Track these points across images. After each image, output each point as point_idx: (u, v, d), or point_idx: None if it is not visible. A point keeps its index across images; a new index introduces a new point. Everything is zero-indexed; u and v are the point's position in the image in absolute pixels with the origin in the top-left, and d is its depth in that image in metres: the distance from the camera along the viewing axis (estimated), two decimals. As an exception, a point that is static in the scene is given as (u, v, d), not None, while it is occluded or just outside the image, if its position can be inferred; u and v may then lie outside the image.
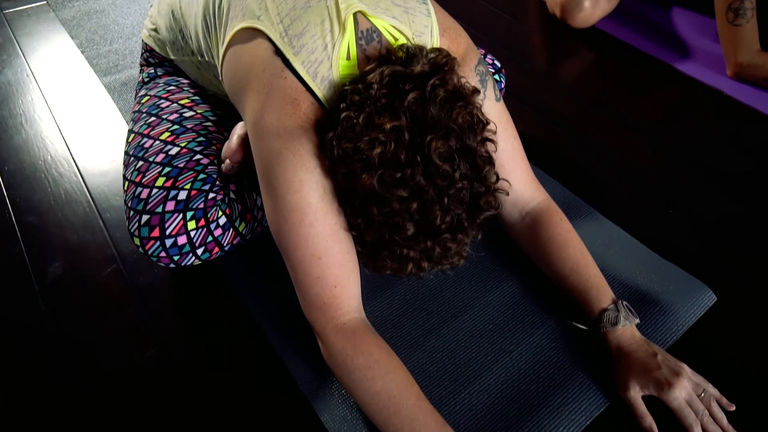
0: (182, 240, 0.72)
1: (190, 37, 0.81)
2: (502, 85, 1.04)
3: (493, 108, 0.75)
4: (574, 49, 1.33)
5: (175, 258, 0.73)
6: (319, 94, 0.65)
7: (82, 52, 1.35)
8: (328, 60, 0.64)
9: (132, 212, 0.73)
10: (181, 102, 0.85)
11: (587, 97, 1.19)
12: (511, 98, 1.18)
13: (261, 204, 0.80)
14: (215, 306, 0.82)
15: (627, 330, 0.70)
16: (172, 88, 0.88)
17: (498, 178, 0.64)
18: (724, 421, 0.65)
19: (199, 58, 0.81)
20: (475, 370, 0.72)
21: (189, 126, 0.81)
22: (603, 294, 0.73)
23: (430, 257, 0.63)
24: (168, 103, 0.84)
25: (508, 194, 0.66)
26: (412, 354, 0.74)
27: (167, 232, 0.71)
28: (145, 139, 0.79)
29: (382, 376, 0.63)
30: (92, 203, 0.98)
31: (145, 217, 0.72)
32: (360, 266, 0.68)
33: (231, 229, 0.76)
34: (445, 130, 0.58)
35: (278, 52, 0.64)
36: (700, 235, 0.90)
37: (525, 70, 1.26)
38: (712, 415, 0.65)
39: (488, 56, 1.04)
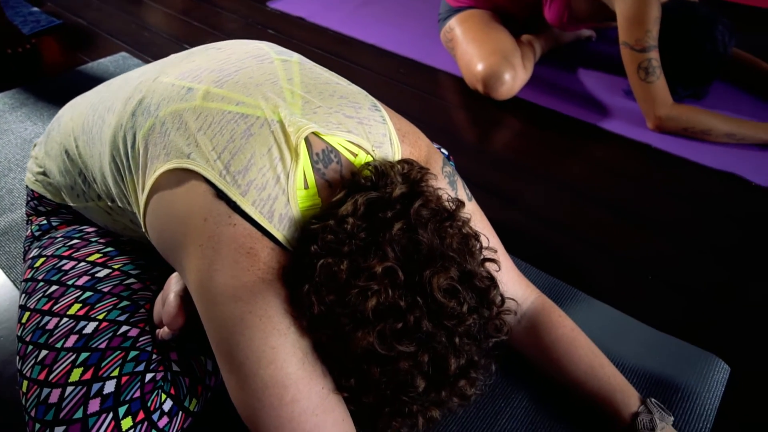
0: (116, 447, 0.55)
1: (94, 181, 0.66)
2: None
3: (469, 212, 0.68)
4: (500, 120, 1.33)
5: (108, 475, 0.55)
6: (279, 236, 0.53)
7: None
8: (283, 194, 0.53)
9: (38, 426, 0.54)
10: (90, 259, 0.68)
11: (527, 167, 1.18)
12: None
13: (213, 368, 0.65)
14: None
15: (666, 433, 0.62)
16: (76, 241, 0.71)
17: (503, 300, 0.55)
18: None
19: (109, 204, 0.67)
20: None
21: (105, 289, 0.64)
22: (629, 396, 0.65)
23: (442, 407, 0.52)
24: (72, 263, 0.67)
25: (516, 314, 0.58)
26: None
27: (94, 444, 0.54)
28: (46, 318, 0.61)
29: None
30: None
31: (58, 430, 0.54)
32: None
33: (180, 413, 0.59)
34: (442, 261, 0.49)
35: (221, 195, 0.52)
36: (684, 300, 0.87)
37: (458, 148, 1.23)
38: None
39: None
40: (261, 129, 0.55)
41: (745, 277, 0.90)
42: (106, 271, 0.67)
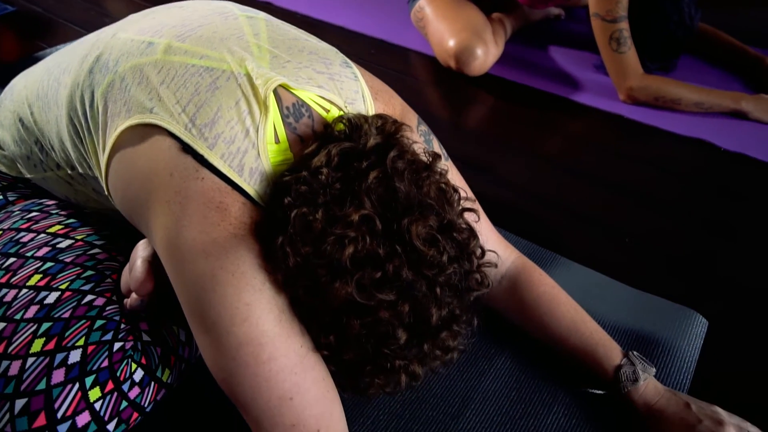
0: (84, 419, 0.52)
1: (51, 148, 0.63)
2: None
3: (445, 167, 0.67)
4: (473, 96, 1.33)
5: (76, 448, 0.52)
6: (251, 191, 0.51)
7: None
8: (253, 148, 0.51)
9: (-4, 400, 0.51)
10: (51, 230, 0.65)
11: (503, 140, 1.18)
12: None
13: (186, 339, 0.62)
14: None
15: (649, 384, 0.62)
16: (35, 214, 0.67)
17: (484, 252, 0.54)
18: (779, 461, 0.59)
19: (69, 171, 0.63)
20: (502, 481, 0.59)
21: (68, 260, 0.61)
22: (611, 350, 0.64)
23: (425, 362, 0.51)
24: (31, 234, 0.63)
25: (496, 266, 0.57)
26: (423, 484, 0.59)
27: (59, 415, 0.50)
28: (3, 291, 0.57)
29: None
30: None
31: (20, 403, 0.50)
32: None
33: (152, 383, 0.57)
34: (421, 210, 0.47)
35: (187, 149, 0.50)
36: (661, 260, 0.88)
37: (433, 124, 1.22)
38: (765, 458, 0.58)
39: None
40: (227, 82, 0.53)
41: (716, 235, 0.92)
42: (68, 242, 0.63)
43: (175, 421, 0.64)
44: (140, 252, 0.58)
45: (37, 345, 0.53)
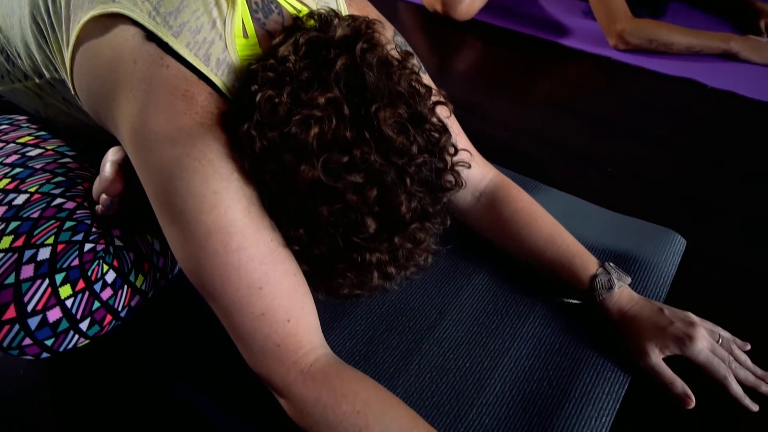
0: (55, 314, 0.51)
1: (18, 56, 0.61)
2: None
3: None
4: (461, 42, 1.31)
5: (48, 343, 0.52)
6: (217, 81, 0.50)
7: None
8: (220, 40, 0.50)
9: (-34, 294, 0.51)
10: (21, 141, 0.64)
11: (492, 83, 1.17)
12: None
13: (161, 248, 0.62)
14: (127, 402, 0.61)
15: (624, 292, 0.62)
16: (5, 127, 0.66)
17: (456, 150, 0.53)
18: (750, 362, 0.59)
19: (37, 80, 0.62)
20: (476, 383, 0.59)
21: (38, 166, 0.60)
22: (587, 260, 0.65)
23: (396, 258, 0.51)
24: (0, 144, 0.63)
25: (470, 166, 0.56)
26: (396, 385, 0.59)
27: (29, 309, 0.50)
28: (-28, 195, 0.57)
29: (378, 420, 0.48)
30: None
31: (-12, 297, 0.50)
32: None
33: (125, 287, 0.56)
34: (390, 97, 0.47)
35: (151, 37, 0.49)
36: (639, 185, 0.88)
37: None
38: (736, 359, 0.59)
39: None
40: (193, -29, 0.51)
41: (697, 167, 0.92)
42: (38, 151, 0.62)
43: (154, 333, 0.64)
44: (110, 156, 0.58)
45: (5, 242, 0.52)
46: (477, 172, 0.70)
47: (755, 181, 0.88)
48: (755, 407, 0.56)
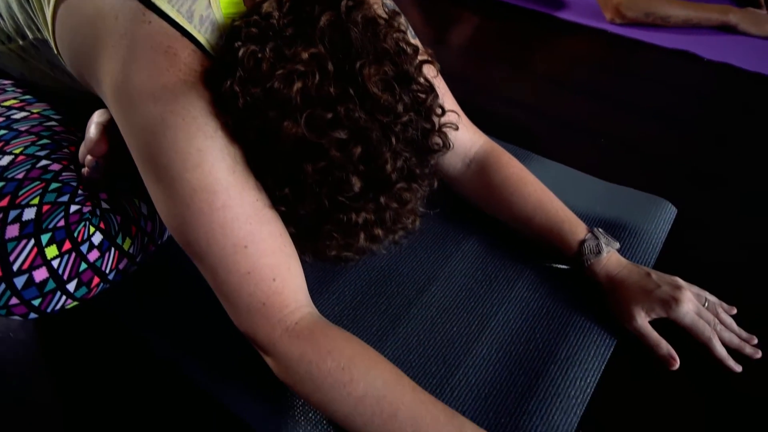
0: (41, 274, 0.51)
1: (0, 16, 0.60)
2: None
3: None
4: (457, 16, 1.30)
5: (36, 303, 0.52)
6: (201, 38, 0.49)
7: None
8: None
9: (-50, 254, 0.51)
10: (6, 104, 0.63)
11: (489, 56, 1.16)
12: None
13: (148, 212, 0.62)
14: (115, 362, 0.61)
15: (612, 257, 0.63)
16: (-10, 90, 0.65)
17: (444, 111, 0.53)
18: (735, 325, 0.59)
19: (21, 42, 0.61)
20: (463, 345, 0.59)
21: (23, 129, 0.60)
22: (576, 226, 0.65)
23: (383, 219, 0.51)
24: (-15, 107, 0.62)
25: (457, 128, 0.56)
26: (384, 347, 0.59)
27: (15, 268, 0.50)
28: (-44, 155, 0.57)
29: (363, 375, 0.48)
30: None
31: (-27, 256, 0.50)
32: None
33: (113, 249, 0.56)
34: (375, 54, 0.46)
35: None
36: (634, 157, 0.88)
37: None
38: (721, 322, 0.59)
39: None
40: (175, -74, 0.50)
41: (692, 138, 0.91)
42: (23, 114, 0.62)
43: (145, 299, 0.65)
44: (95, 118, 0.57)
45: (-10, 202, 0.52)
46: (467, 138, 0.70)
47: (754, 153, 0.88)
48: (738, 368, 0.56)
